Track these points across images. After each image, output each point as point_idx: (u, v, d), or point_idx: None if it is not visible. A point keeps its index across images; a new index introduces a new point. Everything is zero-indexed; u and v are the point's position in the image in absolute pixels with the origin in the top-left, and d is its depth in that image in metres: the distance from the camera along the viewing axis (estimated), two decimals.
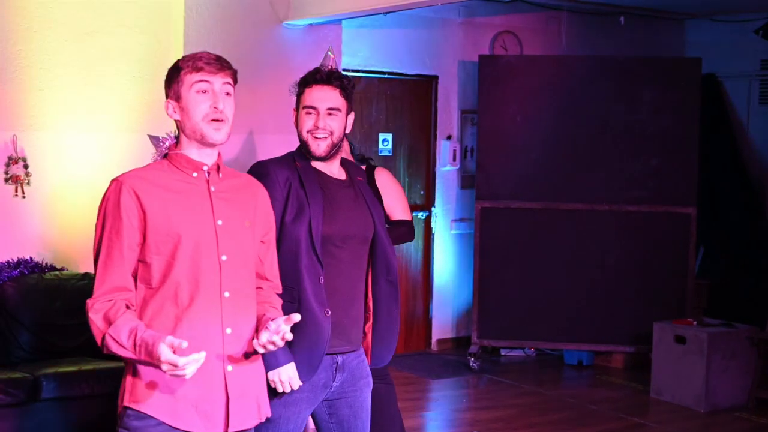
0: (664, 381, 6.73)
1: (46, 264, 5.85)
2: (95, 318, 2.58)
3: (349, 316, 3.28)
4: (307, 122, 3.24)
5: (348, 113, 3.30)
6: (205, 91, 2.71)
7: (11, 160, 5.85)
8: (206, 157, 2.75)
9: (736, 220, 8.45)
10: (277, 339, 2.65)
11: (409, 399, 6.50)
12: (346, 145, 4.21)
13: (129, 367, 2.65)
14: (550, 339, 7.62)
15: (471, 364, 7.48)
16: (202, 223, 2.68)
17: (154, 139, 2.98)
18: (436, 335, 8.19)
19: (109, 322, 2.56)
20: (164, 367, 2.43)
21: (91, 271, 4.92)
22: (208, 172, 2.75)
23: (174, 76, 2.75)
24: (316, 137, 3.23)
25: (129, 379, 2.65)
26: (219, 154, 2.80)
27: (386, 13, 6.76)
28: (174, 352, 2.42)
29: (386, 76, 7.81)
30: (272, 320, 2.70)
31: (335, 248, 3.24)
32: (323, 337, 3.14)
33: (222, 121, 2.72)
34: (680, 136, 7.44)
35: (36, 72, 5.98)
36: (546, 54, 8.30)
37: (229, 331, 2.69)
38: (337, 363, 3.28)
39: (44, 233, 5.99)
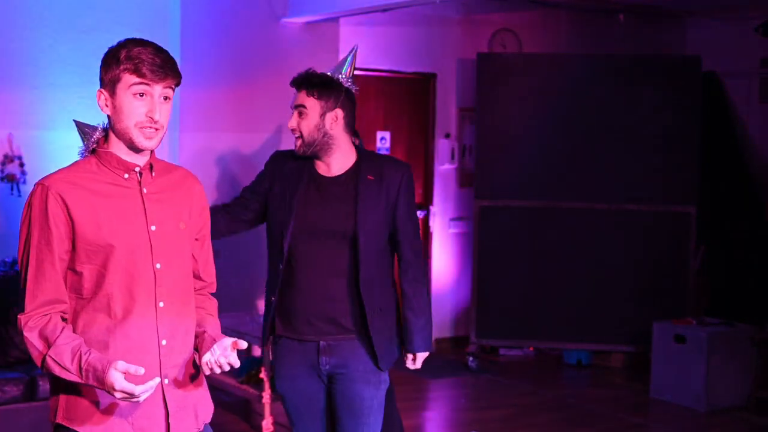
0: (663, 381, 6.70)
1: None
2: (31, 336, 2.45)
3: (318, 308, 3.46)
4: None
5: (324, 111, 3.43)
6: (142, 95, 2.50)
7: (7, 159, 5.84)
8: (138, 157, 2.58)
9: (736, 218, 8.42)
10: (223, 362, 2.56)
11: (407, 399, 6.47)
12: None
13: (61, 383, 2.51)
14: (548, 338, 7.59)
15: (469, 363, 7.45)
16: (135, 230, 2.54)
17: (81, 128, 2.77)
18: (434, 334, 8.08)
19: (46, 342, 2.44)
20: (117, 395, 2.35)
21: None
22: (141, 173, 2.58)
23: (112, 66, 2.53)
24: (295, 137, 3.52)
25: (62, 395, 2.54)
26: (152, 151, 2.61)
27: (384, 10, 6.73)
28: (125, 378, 2.34)
29: (384, 74, 7.78)
30: (216, 341, 2.61)
31: (305, 241, 3.45)
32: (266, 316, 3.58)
33: (156, 129, 2.53)
34: (680, 134, 7.41)
35: (32, 70, 5.95)
36: (545, 52, 8.27)
37: (164, 342, 2.56)
38: (319, 345, 3.48)
39: None
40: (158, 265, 2.55)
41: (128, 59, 2.50)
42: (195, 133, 6.51)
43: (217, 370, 2.57)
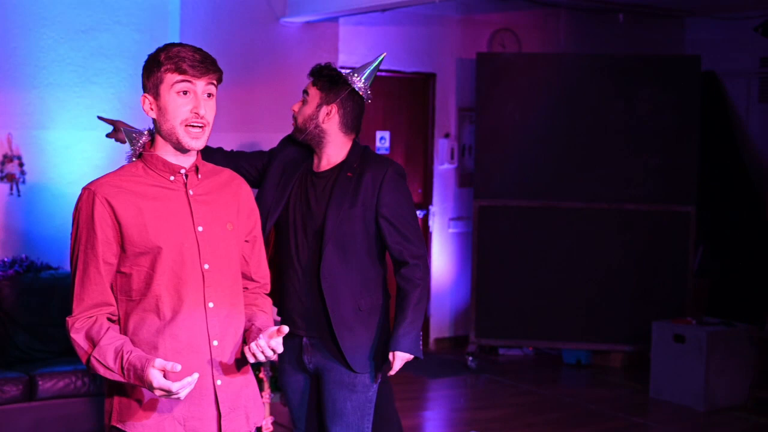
0: (663, 380, 6.70)
1: (42, 263, 5.82)
2: (77, 338, 2.49)
3: (296, 304, 3.50)
4: None
5: (321, 103, 3.49)
6: (186, 93, 2.54)
7: (6, 159, 5.84)
8: (184, 160, 2.61)
9: (735, 218, 8.43)
10: (265, 346, 2.52)
11: (406, 398, 6.48)
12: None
13: (114, 385, 2.55)
14: (548, 338, 7.59)
15: (469, 363, 7.45)
16: (182, 232, 2.55)
17: (128, 134, 2.78)
18: (433, 334, 8.16)
19: (92, 342, 2.47)
20: (157, 393, 2.37)
21: None
22: (186, 175, 2.61)
23: (153, 70, 2.56)
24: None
25: (116, 398, 2.56)
26: (198, 153, 2.65)
27: (384, 10, 6.73)
28: (165, 376, 2.35)
29: (384, 73, 7.78)
30: (261, 330, 2.59)
31: (288, 236, 3.51)
32: None
33: (202, 127, 2.56)
34: (679, 133, 7.41)
35: (31, 70, 5.96)
36: (544, 52, 8.27)
37: (216, 343, 2.57)
38: (302, 342, 3.51)
39: (40, 232, 5.96)
40: (206, 266, 2.57)
41: (168, 59, 2.54)
42: None
43: (261, 357, 2.55)
